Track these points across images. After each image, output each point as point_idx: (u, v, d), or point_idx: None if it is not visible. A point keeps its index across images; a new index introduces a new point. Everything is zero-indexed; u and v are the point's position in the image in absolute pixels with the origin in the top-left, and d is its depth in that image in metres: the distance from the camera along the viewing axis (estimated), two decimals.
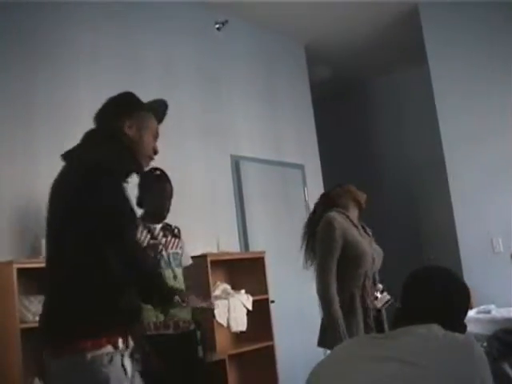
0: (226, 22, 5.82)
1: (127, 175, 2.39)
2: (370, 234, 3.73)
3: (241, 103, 6.34)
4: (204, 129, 5.82)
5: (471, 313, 4.99)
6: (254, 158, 6.31)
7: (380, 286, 3.57)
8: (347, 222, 3.52)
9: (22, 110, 4.43)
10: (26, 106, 4.47)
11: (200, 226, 5.30)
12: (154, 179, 3.89)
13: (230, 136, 6.10)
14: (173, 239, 3.97)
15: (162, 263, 3.78)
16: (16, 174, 4.28)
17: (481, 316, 5.10)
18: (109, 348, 2.16)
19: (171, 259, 3.87)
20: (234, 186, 6.05)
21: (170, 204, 3.97)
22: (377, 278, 3.60)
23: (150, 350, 3.39)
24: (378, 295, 3.51)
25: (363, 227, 3.72)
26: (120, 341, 2.20)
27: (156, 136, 2.50)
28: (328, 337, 3.31)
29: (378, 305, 3.48)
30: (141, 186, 3.86)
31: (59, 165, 2.36)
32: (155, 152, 2.48)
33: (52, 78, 4.66)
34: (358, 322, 3.36)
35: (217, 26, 5.84)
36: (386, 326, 3.54)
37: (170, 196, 3.97)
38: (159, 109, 2.56)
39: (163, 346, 3.57)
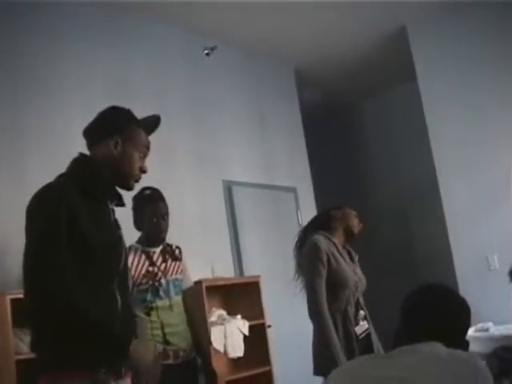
0: (215, 47, 5.84)
1: (102, 196, 2.30)
2: (356, 259, 3.72)
3: (231, 128, 6.34)
4: (195, 155, 5.81)
5: (469, 331, 4.97)
6: (246, 182, 6.29)
7: (362, 312, 3.55)
8: (332, 247, 3.51)
9: (11, 137, 4.44)
10: (15, 132, 4.48)
11: (194, 252, 5.23)
12: (145, 200, 3.63)
13: (221, 161, 6.09)
14: (173, 263, 3.75)
15: (161, 292, 3.60)
16: (4, 204, 4.25)
17: (479, 334, 5.09)
18: (74, 381, 2.04)
19: (171, 287, 3.67)
20: (226, 211, 6.03)
21: (166, 224, 3.68)
22: (361, 303, 3.58)
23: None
24: (360, 322, 3.49)
25: (349, 252, 3.71)
26: (87, 373, 2.06)
27: (145, 154, 2.36)
28: (322, 358, 3.28)
29: (358, 332, 3.46)
30: (134, 208, 3.64)
31: None
32: (143, 171, 2.34)
33: (42, 103, 4.68)
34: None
35: (206, 51, 5.86)
36: (376, 347, 3.51)
37: (165, 215, 3.67)
38: (150, 122, 2.44)
39: (163, 375, 3.50)
